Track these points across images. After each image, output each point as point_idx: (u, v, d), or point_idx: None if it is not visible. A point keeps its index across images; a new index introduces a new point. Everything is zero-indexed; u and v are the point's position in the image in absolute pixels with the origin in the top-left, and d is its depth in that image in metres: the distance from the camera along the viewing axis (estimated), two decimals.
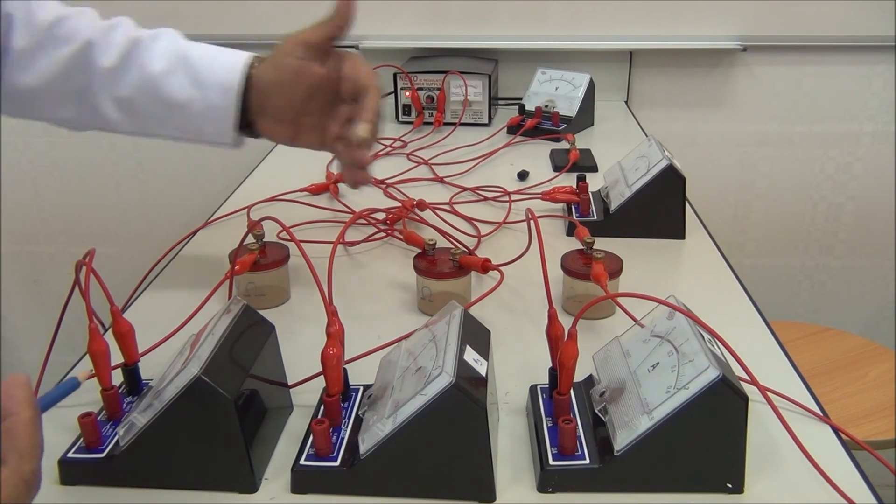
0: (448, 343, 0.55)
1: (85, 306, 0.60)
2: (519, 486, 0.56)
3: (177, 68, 0.76)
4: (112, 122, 0.78)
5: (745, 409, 0.52)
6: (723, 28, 1.59)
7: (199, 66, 0.76)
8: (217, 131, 0.78)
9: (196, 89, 0.76)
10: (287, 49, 0.75)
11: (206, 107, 0.76)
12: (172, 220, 1.81)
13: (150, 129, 0.79)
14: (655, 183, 0.93)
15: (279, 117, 0.77)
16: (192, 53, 0.77)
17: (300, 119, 0.77)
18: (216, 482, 0.56)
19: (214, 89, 0.75)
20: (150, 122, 0.78)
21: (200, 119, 0.77)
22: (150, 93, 0.76)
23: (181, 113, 0.77)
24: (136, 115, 0.78)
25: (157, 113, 0.77)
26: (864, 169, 1.70)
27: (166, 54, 0.76)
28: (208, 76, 0.76)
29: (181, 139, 0.80)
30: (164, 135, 0.80)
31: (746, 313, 0.81)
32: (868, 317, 1.82)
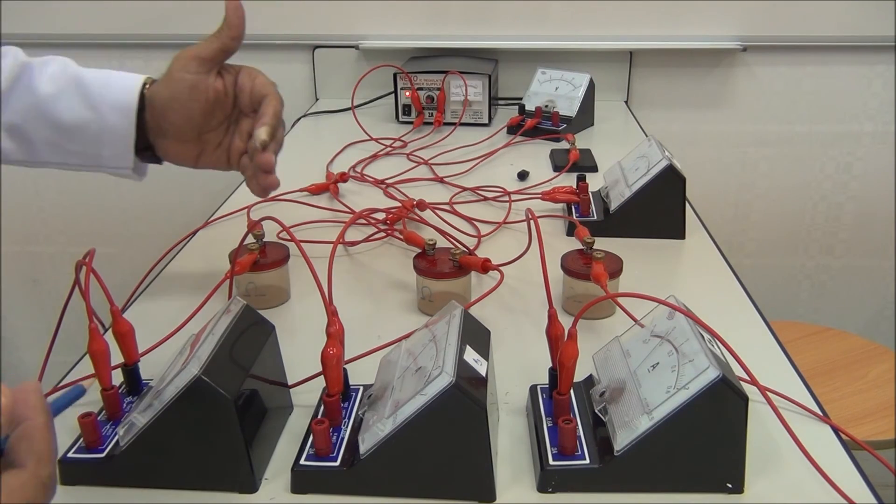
0: (448, 343, 0.55)
1: (85, 306, 0.60)
2: (519, 486, 0.56)
3: (68, 90, 0.73)
4: (7, 150, 0.74)
5: (745, 409, 0.52)
6: (723, 28, 1.59)
7: (92, 87, 0.73)
8: (115, 155, 0.75)
9: (90, 111, 0.73)
10: (180, 65, 0.73)
11: (102, 128, 0.73)
12: (172, 220, 1.81)
13: (43, 156, 0.75)
14: (655, 183, 0.93)
15: (179, 136, 0.75)
16: (85, 76, 0.74)
17: (202, 137, 0.76)
18: (216, 482, 0.56)
19: (109, 109, 0.73)
20: (43, 149, 0.74)
21: (96, 142, 0.74)
22: (41, 117, 0.73)
23: (75, 137, 0.74)
24: (28, 142, 0.74)
25: (50, 138, 0.74)
26: (864, 169, 1.70)
27: (56, 77, 0.73)
28: (102, 97, 0.73)
29: (76, 167, 0.76)
30: (59, 162, 0.76)
31: (746, 313, 0.81)
32: (868, 317, 1.82)
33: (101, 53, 1.69)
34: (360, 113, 1.45)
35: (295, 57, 1.68)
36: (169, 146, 0.76)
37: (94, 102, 0.73)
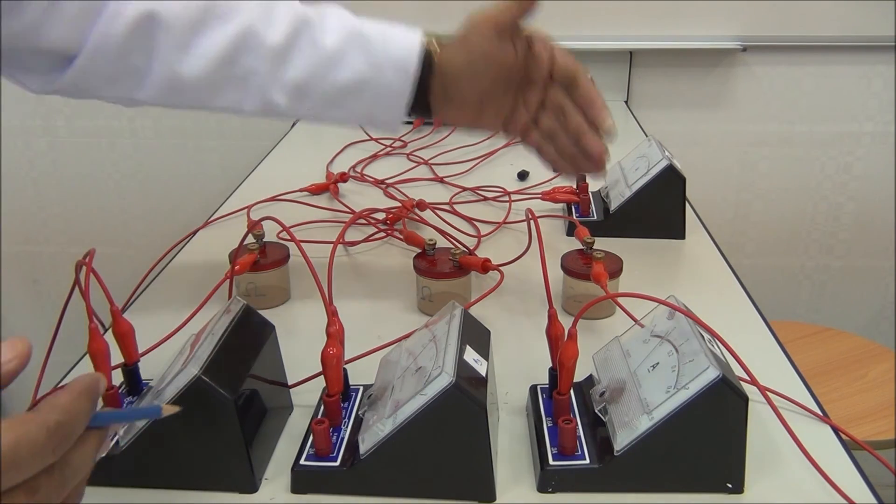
0: (448, 343, 0.55)
1: (85, 306, 0.60)
2: (519, 486, 0.56)
3: (352, 46, 0.69)
4: (279, 108, 0.71)
5: (745, 409, 0.52)
6: (722, 28, 1.59)
7: (375, 43, 0.70)
8: (387, 113, 0.72)
9: (372, 69, 0.69)
10: (477, 30, 0.70)
11: (381, 87, 0.70)
12: (172, 220, 1.81)
13: (320, 113, 0.73)
14: (655, 183, 0.93)
15: (463, 102, 0.72)
16: (366, 29, 0.71)
17: (484, 102, 0.72)
18: (216, 482, 0.56)
19: (390, 69, 0.70)
20: (322, 106, 0.71)
21: (373, 102, 0.71)
22: (325, 75, 0.69)
23: (356, 95, 0.71)
24: (308, 98, 0.71)
25: (330, 95, 0.70)
26: (864, 169, 1.70)
27: (339, 30, 0.70)
28: (384, 54, 0.70)
29: (348, 122, 0.76)
30: (333, 118, 0.74)
31: (746, 313, 0.81)
32: (868, 317, 1.82)
33: None
34: None
35: None
36: (449, 110, 0.73)
37: (377, 59, 0.70)
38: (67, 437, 0.38)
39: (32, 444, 0.35)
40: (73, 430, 0.38)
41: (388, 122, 0.73)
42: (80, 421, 0.38)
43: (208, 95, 0.69)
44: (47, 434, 0.36)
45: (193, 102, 0.70)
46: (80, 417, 0.38)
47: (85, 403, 0.39)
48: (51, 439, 0.36)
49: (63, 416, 0.37)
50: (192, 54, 0.66)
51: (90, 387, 0.39)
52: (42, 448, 0.36)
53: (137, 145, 1.78)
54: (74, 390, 0.39)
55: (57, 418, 0.37)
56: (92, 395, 0.39)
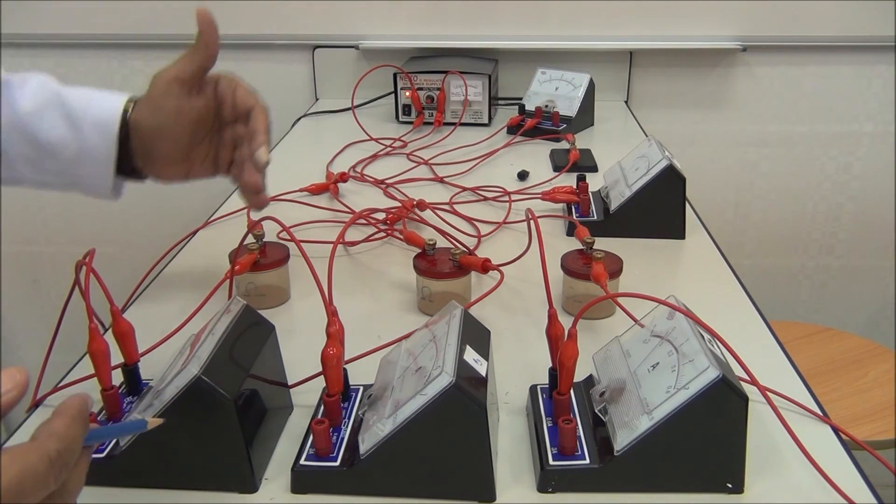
0: (448, 343, 0.55)
1: (85, 306, 0.60)
2: (519, 486, 0.56)
3: (49, 107, 0.71)
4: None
5: (745, 409, 0.52)
6: (723, 28, 1.59)
7: (74, 105, 0.71)
8: (94, 175, 0.73)
9: (71, 130, 0.71)
10: (161, 90, 0.71)
11: (82, 149, 0.71)
12: (172, 220, 1.81)
13: (21, 174, 0.74)
14: (655, 183, 0.93)
15: (168, 159, 0.74)
16: (66, 93, 0.72)
17: (190, 154, 0.75)
18: (216, 482, 0.56)
19: (91, 129, 0.71)
20: (23, 167, 0.73)
21: (75, 162, 0.72)
22: (20, 134, 0.71)
23: (55, 155, 0.72)
24: (6, 159, 0.72)
25: (29, 156, 0.72)
26: (863, 169, 1.70)
27: (38, 93, 0.71)
28: (84, 116, 0.71)
29: (54, 187, 0.75)
30: (37, 181, 0.75)
31: (746, 313, 0.81)
32: (868, 317, 1.82)
33: (101, 53, 1.69)
34: (360, 113, 1.45)
35: (295, 57, 1.68)
36: (159, 169, 0.76)
37: (75, 121, 0.71)
38: (66, 464, 0.39)
39: (35, 475, 0.37)
40: (71, 456, 0.39)
41: (95, 187, 0.73)
42: (76, 446, 0.40)
43: None
44: (49, 463, 0.37)
45: None
46: (77, 442, 0.40)
47: (79, 428, 0.40)
48: (52, 468, 0.37)
49: (61, 444, 0.38)
50: None
51: (82, 411, 0.40)
52: (44, 477, 0.37)
53: None
54: (68, 416, 0.40)
55: (56, 447, 0.38)
56: (84, 418, 0.40)
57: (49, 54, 1.70)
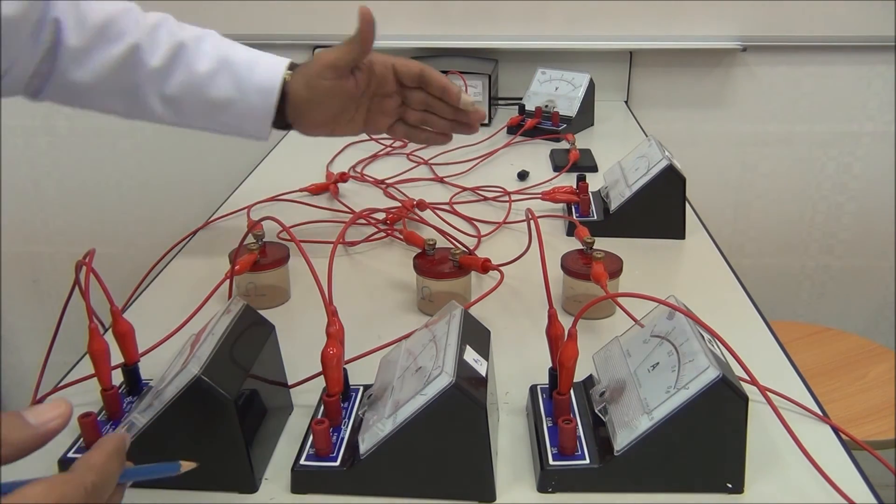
0: (448, 343, 0.55)
1: (85, 306, 0.60)
2: (519, 486, 0.56)
3: (221, 70, 0.81)
4: (158, 115, 0.84)
5: (745, 409, 0.52)
6: (723, 28, 1.59)
7: (241, 68, 0.82)
8: (255, 129, 0.85)
9: (237, 92, 0.82)
10: (317, 71, 0.81)
11: (247, 108, 0.82)
12: (172, 220, 1.81)
13: (193, 123, 0.85)
14: (655, 183, 0.93)
15: (315, 123, 0.85)
16: (235, 56, 0.83)
17: (334, 121, 0.85)
18: (216, 482, 0.56)
19: (254, 93, 0.82)
20: (195, 118, 0.84)
21: (240, 118, 0.83)
22: (196, 92, 0.82)
23: (223, 112, 0.83)
24: (182, 111, 0.83)
25: (201, 110, 0.83)
26: (864, 169, 1.70)
27: (211, 56, 0.82)
28: (249, 79, 0.82)
29: (219, 132, 0.87)
30: (206, 129, 0.86)
31: (746, 313, 0.81)
32: (868, 317, 1.82)
33: None
34: None
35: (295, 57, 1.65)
36: (305, 127, 0.86)
37: (241, 85, 0.82)
38: (101, 497, 0.39)
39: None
40: (105, 490, 0.40)
41: (255, 136, 0.86)
42: (112, 481, 0.40)
43: (98, 100, 0.83)
44: (84, 495, 0.38)
45: (85, 104, 0.84)
46: (113, 477, 0.40)
47: (116, 464, 0.41)
48: (87, 499, 0.38)
49: (98, 478, 0.39)
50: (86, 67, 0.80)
51: (119, 448, 0.41)
52: None
53: (137, 145, 1.78)
54: (105, 451, 0.41)
55: (93, 479, 0.39)
56: (121, 456, 0.41)
57: None
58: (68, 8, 0.79)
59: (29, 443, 0.39)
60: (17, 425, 0.39)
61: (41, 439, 0.40)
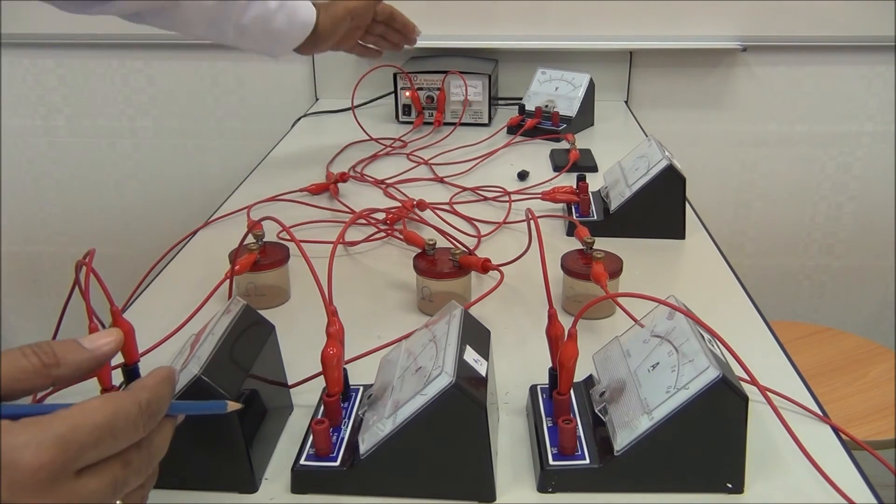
0: (448, 343, 0.55)
1: (85, 306, 0.60)
2: (519, 486, 0.56)
3: (282, 7, 1.06)
4: (227, 38, 1.06)
5: (745, 409, 0.52)
6: (723, 28, 1.59)
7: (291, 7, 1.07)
8: (283, 51, 1.11)
9: (288, 25, 1.07)
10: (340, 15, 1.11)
11: (289, 38, 1.08)
12: (172, 220, 1.81)
13: (243, 45, 1.08)
14: (655, 183, 0.93)
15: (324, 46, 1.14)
16: None
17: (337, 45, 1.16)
18: (216, 482, 0.56)
19: (298, 26, 1.08)
20: (248, 41, 1.07)
21: (279, 44, 1.09)
22: (262, 23, 1.05)
23: (272, 39, 1.08)
24: (245, 36, 1.05)
25: (258, 37, 1.07)
26: (864, 169, 1.70)
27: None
28: (296, 16, 1.07)
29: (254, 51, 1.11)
30: (250, 49, 1.10)
31: (746, 313, 0.81)
32: (868, 317, 1.82)
33: (101, 53, 1.70)
34: (359, 113, 1.45)
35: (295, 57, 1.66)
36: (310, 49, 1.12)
37: (292, 20, 1.07)
38: (154, 415, 0.42)
39: (127, 416, 0.40)
40: (159, 408, 0.42)
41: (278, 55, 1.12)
42: (164, 401, 0.43)
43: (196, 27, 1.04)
44: (139, 409, 0.41)
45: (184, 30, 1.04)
46: (165, 399, 0.43)
47: (167, 388, 0.43)
48: (142, 415, 0.41)
49: (152, 395, 0.42)
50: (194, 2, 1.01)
51: (170, 376, 0.44)
52: (135, 421, 0.40)
53: (137, 145, 1.78)
54: (159, 375, 0.44)
55: (147, 396, 0.41)
56: (171, 382, 0.44)
57: (49, 54, 1.70)
58: None
59: (84, 364, 0.43)
60: (72, 348, 0.43)
61: (96, 361, 0.44)
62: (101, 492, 0.39)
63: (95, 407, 0.39)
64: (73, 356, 0.43)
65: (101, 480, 0.39)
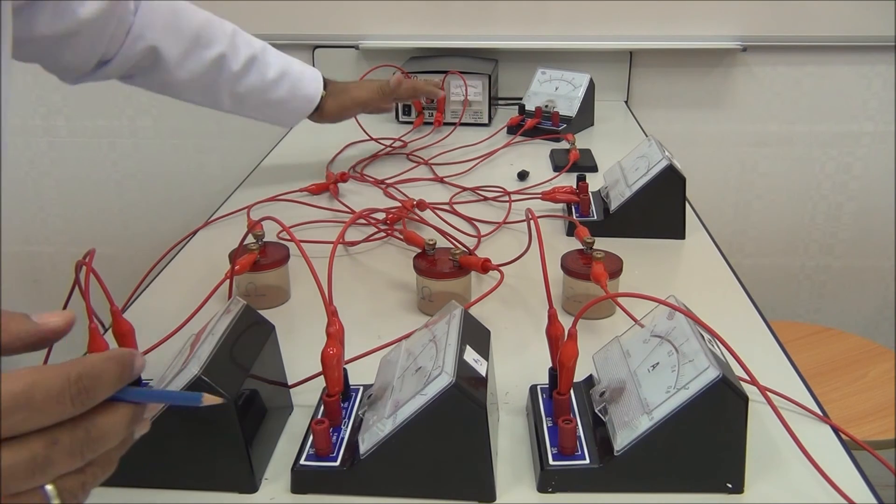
0: (448, 343, 0.55)
1: (85, 306, 0.60)
2: (519, 486, 0.56)
3: (282, 78, 1.07)
4: (223, 106, 1.07)
5: (745, 409, 0.52)
6: (723, 28, 1.59)
7: (295, 78, 1.09)
8: (288, 122, 1.16)
9: (291, 96, 1.09)
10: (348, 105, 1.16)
11: (293, 109, 1.11)
12: (172, 220, 1.81)
13: (247, 113, 1.10)
14: (655, 183, 0.93)
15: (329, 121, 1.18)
16: (291, 67, 1.09)
17: None
18: (216, 482, 0.56)
19: (301, 99, 1.11)
20: (251, 111, 1.09)
21: (284, 115, 1.12)
22: (260, 94, 1.06)
23: (275, 109, 1.10)
24: (243, 105, 1.08)
25: (259, 106, 1.09)
26: (864, 169, 1.70)
27: (276, 66, 1.07)
28: (300, 87, 1.10)
29: (258, 119, 1.12)
30: (253, 117, 1.12)
31: (746, 313, 0.81)
32: (868, 317, 1.82)
33: None
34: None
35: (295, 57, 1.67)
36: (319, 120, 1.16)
37: (295, 91, 1.09)
38: (89, 393, 0.38)
39: (49, 389, 0.36)
40: (94, 385, 0.38)
41: (285, 125, 1.19)
42: (103, 380, 0.39)
43: (187, 93, 1.05)
44: (66, 382, 0.37)
45: (176, 95, 1.05)
46: (105, 377, 0.39)
47: (112, 366, 0.39)
48: (69, 388, 0.37)
49: (84, 370, 0.38)
50: (183, 68, 1.00)
51: (122, 356, 0.40)
52: (59, 394, 0.37)
53: (137, 145, 1.78)
54: (105, 354, 0.40)
55: (79, 371, 0.38)
56: (121, 362, 0.40)
57: None
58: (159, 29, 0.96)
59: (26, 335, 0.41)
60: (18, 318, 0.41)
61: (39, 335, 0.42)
62: (16, 467, 0.35)
63: (16, 376, 0.36)
64: (16, 325, 0.41)
65: (18, 455, 0.35)
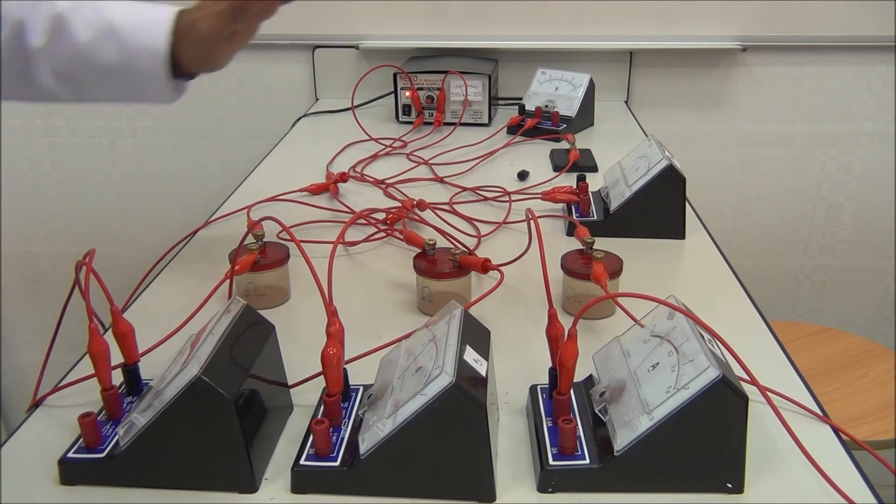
0: (448, 343, 0.55)
1: (85, 306, 0.60)
2: (519, 486, 0.56)
3: (102, 37, 0.77)
4: (57, 93, 0.80)
5: (745, 409, 0.52)
6: (723, 28, 1.59)
7: (125, 32, 0.77)
8: (153, 93, 0.80)
9: (125, 57, 0.77)
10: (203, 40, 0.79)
11: (138, 73, 0.78)
12: (172, 220, 1.81)
13: (92, 95, 0.82)
14: (655, 183, 0.93)
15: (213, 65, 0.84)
16: (116, 19, 0.78)
17: None
18: (216, 482, 0.56)
19: (142, 55, 0.77)
20: (91, 89, 0.81)
21: (135, 84, 0.80)
22: (83, 64, 0.78)
23: (116, 79, 0.79)
24: (76, 84, 0.80)
25: (95, 80, 0.79)
26: (864, 169, 1.70)
27: (91, 24, 0.77)
28: (135, 44, 0.77)
29: (125, 102, 0.86)
30: (108, 99, 0.84)
31: (746, 313, 0.81)
32: (868, 317, 1.82)
33: None
34: (360, 113, 1.45)
35: (295, 57, 1.68)
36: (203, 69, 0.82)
37: (127, 49, 0.77)
38: None
39: None
40: None
41: (156, 98, 0.82)
42: None
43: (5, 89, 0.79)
44: None
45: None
46: None
47: None
48: None
49: None
50: None
51: None
52: None
53: (137, 145, 1.78)
54: None
55: None
56: None
57: None
58: None
59: None
60: None
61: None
62: None
63: None
64: None
65: None
